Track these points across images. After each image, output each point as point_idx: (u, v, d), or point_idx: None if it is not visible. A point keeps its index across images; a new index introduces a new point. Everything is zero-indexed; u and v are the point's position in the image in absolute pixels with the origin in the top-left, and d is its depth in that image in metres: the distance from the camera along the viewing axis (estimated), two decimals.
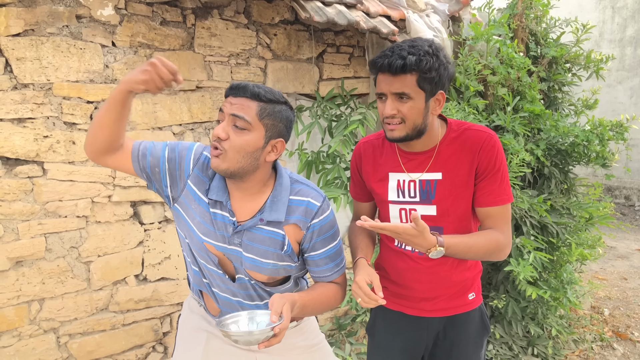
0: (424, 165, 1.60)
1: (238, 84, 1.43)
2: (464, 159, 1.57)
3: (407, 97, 1.48)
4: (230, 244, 1.52)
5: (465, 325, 1.70)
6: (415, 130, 1.53)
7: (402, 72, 1.45)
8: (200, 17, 2.67)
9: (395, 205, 1.65)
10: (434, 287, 1.66)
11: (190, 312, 1.78)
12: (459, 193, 1.57)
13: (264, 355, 1.68)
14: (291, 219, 1.52)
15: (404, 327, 1.73)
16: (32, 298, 2.39)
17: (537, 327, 3.25)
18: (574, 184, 3.42)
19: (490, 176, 1.55)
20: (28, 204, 2.33)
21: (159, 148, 1.53)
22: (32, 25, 2.26)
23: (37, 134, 2.31)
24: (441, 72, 1.49)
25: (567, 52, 3.46)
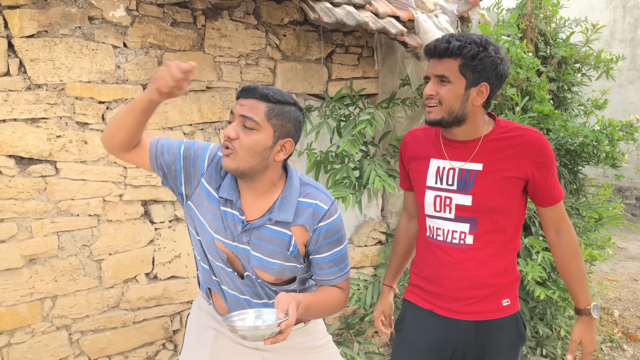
0: (467, 155, 1.62)
1: (248, 86, 1.47)
2: (513, 155, 1.58)
3: (447, 80, 1.53)
4: (239, 242, 1.54)
5: (498, 332, 1.66)
6: (451, 116, 1.56)
7: (445, 56, 1.52)
8: (210, 18, 2.69)
9: (432, 192, 1.67)
10: (465, 286, 1.64)
11: (199, 310, 1.80)
12: (498, 187, 1.57)
13: (271, 355, 1.69)
14: (299, 220, 1.54)
15: (432, 326, 1.71)
16: (45, 295, 2.43)
17: (546, 328, 3.24)
18: (583, 184, 3.41)
19: (549, 176, 1.59)
20: (41, 202, 2.37)
21: (176, 146, 1.57)
22: (45, 26, 2.30)
23: (50, 134, 2.34)
24: (486, 63, 1.52)
25: (577, 52, 3.45)
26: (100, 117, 2.46)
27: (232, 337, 1.70)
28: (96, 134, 2.45)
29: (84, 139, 2.43)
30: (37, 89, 2.31)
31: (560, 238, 1.64)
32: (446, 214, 1.64)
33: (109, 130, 1.51)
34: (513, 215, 1.63)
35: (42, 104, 2.32)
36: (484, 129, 1.63)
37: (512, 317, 1.68)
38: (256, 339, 1.33)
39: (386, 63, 3.16)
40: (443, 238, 1.65)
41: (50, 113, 2.34)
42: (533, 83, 3.11)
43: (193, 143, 1.59)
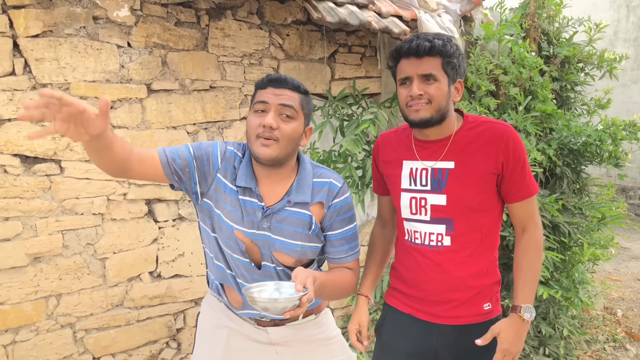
0: (438, 154, 1.62)
1: (278, 76, 1.53)
2: (482, 150, 1.58)
3: (434, 78, 1.54)
4: (260, 228, 1.57)
5: (478, 337, 1.60)
6: (439, 113, 1.56)
7: (428, 54, 1.53)
8: (214, 17, 2.70)
9: (407, 194, 1.66)
10: (446, 288, 1.63)
11: (209, 309, 1.80)
12: (472, 183, 1.57)
13: (284, 348, 1.72)
14: (315, 199, 1.61)
15: (413, 331, 1.70)
16: (49, 293, 2.44)
17: (549, 327, 3.24)
18: (586, 183, 3.41)
19: (518, 170, 1.57)
20: (46, 201, 2.38)
21: (183, 149, 1.58)
22: (50, 26, 2.31)
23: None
24: (460, 60, 1.58)
25: (580, 52, 3.45)
26: None
27: (244, 334, 1.72)
28: None
29: None
30: (42, 89, 2.32)
31: (524, 236, 1.62)
32: (422, 216, 1.63)
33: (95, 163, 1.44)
34: (489, 212, 1.62)
35: None
36: (455, 125, 1.64)
37: (494, 320, 1.64)
38: (276, 311, 1.35)
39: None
40: (421, 241, 1.64)
41: None
42: (536, 82, 3.11)
43: (199, 144, 1.60)
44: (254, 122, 1.51)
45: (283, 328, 1.73)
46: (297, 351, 1.74)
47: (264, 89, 1.52)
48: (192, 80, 2.68)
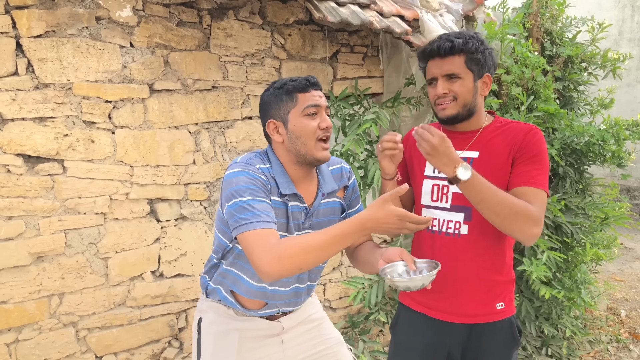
0: (464, 144, 1.65)
1: (315, 79, 1.58)
2: (504, 142, 1.60)
3: (457, 76, 1.58)
4: (303, 228, 1.64)
5: (492, 336, 1.65)
6: (465, 109, 1.60)
7: (450, 54, 1.58)
8: (216, 18, 2.71)
9: (429, 181, 1.70)
10: (458, 277, 1.64)
11: (216, 315, 1.77)
12: (493, 173, 1.57)
13: (288, 335, 1.77)
14: (340, 184, 1.74)
15: (426, 329, 1.72)
16: (52, 292, 2.45)
17: (551, 328, 3.24)
18: (589, 183, 3.40)
19: (527, 159, 1.56)
20: (49, 200, 2.39)
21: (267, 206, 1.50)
22: (53, 26, 2.32)
23: (57, 133, 2.37)
24: (486, 55, 1.60)
25: (583, 51, 3.44)
26: (106, 117, 2.48)
27: (255, 332, 1.73)
28: (103, 133, 2.48)
29: (91, 137, 2.45)
30: (44, 89, 2.33)
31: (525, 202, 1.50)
32: (442, 204, 1.65)
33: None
34: None
35: (49, 103, 2.34)
36: (484, 122, 1.66)
37: (507, 320, 1.66)
38: (415, 287, 1.40)
39: (391, 62, 3.17)
40: (438, 228, 1.67)
41: (57, 112, 2.37)
42: (539, 82, 3.11)
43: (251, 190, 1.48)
44: (312, 125, 1.54)
45: (292, 315, 1.79)
46: (298, 334, 1.80)
47: (306, 92, 1.55)
48: (194, 80, 2.69)
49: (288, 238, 1.42)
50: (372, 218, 1.33)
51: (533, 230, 1.47)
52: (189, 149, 2.71)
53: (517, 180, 1.55)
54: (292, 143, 1.56)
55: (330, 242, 1.35)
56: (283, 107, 1.56)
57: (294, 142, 1.56)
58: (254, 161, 1.58)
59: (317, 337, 1.84)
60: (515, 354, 1.71)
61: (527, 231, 1.47)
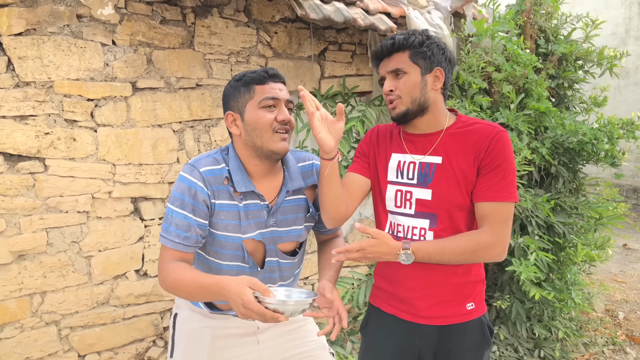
0: (427, 148, 1.60)
1: (274, 71, 1.55)
2: (467, 148, 1.55)
3: (402, 72, 1.55)
4: (267, 226, 1.61)
5: (462, 336, 1.62)
6: (414, 104, 1.55)
7: (394, 51, 1.56)
8: (200, 15, 2.69)
9: (393, 186, 1.64)
10: (426, 284, 1.60)
11: (190, 311, 1.76)
12: (456, 180, 1.54)
13: (265, 335, 1.73)
14: (308, 182, 1.68)
15: (395, 331, 1.68)
16: (33, 291, 2.45)
17: (543, 329, 3.18)
18: (583, 183, 3.34)
19: (491, 171, 1.51)
20: (30, 199, 2.39)
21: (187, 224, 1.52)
22: (33, 24, 2.32)
23: (38, 131, 2.37)
24: (433, 48, 1.55)
25: (577, 49, 3.38)
26: (89, 115, 2.48)
27: (229, 331, 1.71)
28: (85, 131, 2.47)
29: (73, 136, 2.45)
30: (25, 87, 2.33)
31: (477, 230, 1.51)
32: (406, 210, 1.60)
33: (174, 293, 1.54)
34: (474, 212, 1.58)
35: (30, 101, 2.34)
36: (446, 122, 1.61)
37: (477, 320, 1.63)
38: (286, 313, 1.38)
39: None
40: (404, 234, 1.62)
41: (38, 110, 2.36)
42: (530, 80, 3.06)
43: (181, 199, 1.52)
44: (268, 118, 1.50)
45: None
46: (276, 335, 1.75)
47: (264, 84, 1.52)
48: (178, 79, 2.68)
49: (175, 268, 1.48)
50: (228, 289, 1.36)
51: (492, 254, 1.50)
52: (172, 148, 2.69)
53: (482, 195, 1.52)
54: (249, 135, 1.53)
55: (194, 288, 1.44)
56: (241, 99, 1.54)
57: (250, 134, 1.53)
58: (204, 163, 1.54)
59: (297, 339, 1.79)
60: (487, 353, 1.67)
61: (489, 258, 1.51)
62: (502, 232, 1.50)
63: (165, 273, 1.51)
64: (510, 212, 1.52)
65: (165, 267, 1.51)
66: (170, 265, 1.51)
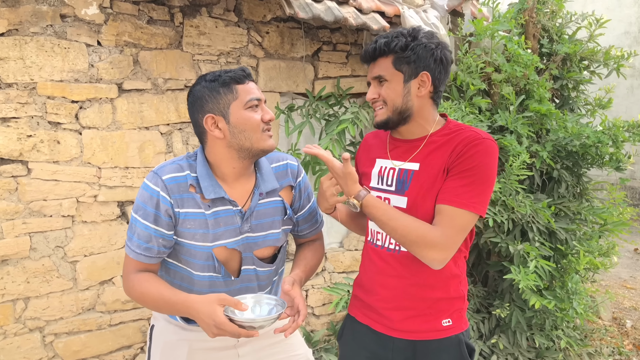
0: (408, 155, 1.54)
1: (248, 69, 1.50)
2: (442, 153, 1.47)
3: (384, 79, 1.48)
4: (242, 232, 1.54)
5: (438, 354, 1.54)
6: (396, 113, 1.49)
7: (376, 57, 1.49)
8: (188, 15, 2.63)
9: (374, 192, 1.57)
10: (399, 295, 1.54)
11: (167, 323, 1.70)
12: (429, 187, 1.47)
13: (245, 348, 1.66)
14: (283, 183, 1.62)
15: (369, 342, 1.63)
16: (16, 297, 2.40)
17: (545, 339, 3.08)
18: (587, 187, 3.22)
19: (457, 173, 1.42)
20: (12, 203, 2.34)
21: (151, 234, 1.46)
22: (15, 25, 2.27)
23: (20, 134, 2.32)
24: (419, 51, 1.45)
25: (582, 49, 3.26)
26: (73, 117, 2.42)
27: (207, 344, 1.63)
28: (69, 134, 2.42)
29: (56, 138, 2.39)
30: (7, 88, 2.28)
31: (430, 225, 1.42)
32: None
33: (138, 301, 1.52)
34: None
35: (12, 103, 2.29)
36: (433, 127, 1.52)
37: (454, 338, 1.54)
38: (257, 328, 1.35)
39: None
40: (382, 243, 1.57)
41: (21, 112, 2.31)
42: (532, 81, 2.95)
43: (144, 209, 1.46)
44: (256, 118, 1.47)
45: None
46: (259, 349, 1.68)
47: (243, 84, 1.47)
48: (166, 80, 2.61)
49: (141, 280, 1.45)
50: (197, 309, 1.34)
51: (432, 255, 1.39)
52: (160, 150, 2.63)
53: (441, 197, 1.43)
54: (235, 137, 1.46)
55: (162, 304, 1.42)
56: (222, 100, 1.46)
57: (237, 136, 1.46)
58: (167, 170, 1.47)
59: (280, 353, 1.72)
60: None
61: (426, 257, 1.40)
62: (452, 240, 1.39)
63: (130, 284, 1.48)
64: (467, 222, 1.41)
65: (130, 278, 1.47)
66: (135, 277, 1.47)
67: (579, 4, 8.72)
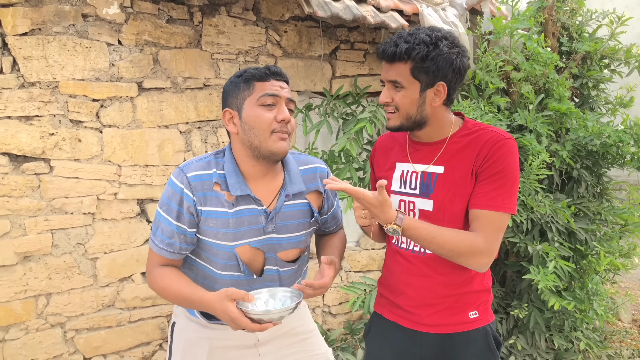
0: (430, 158, 1.53)
1: (277, 68, 1.47)
2: (467, 155, 1.47)
3: (400, 85, 1.45)
4: (266, 233, 1.52)
5: (465, 346, 1.55)
6: (409, 121, 1.48)
7: (395, 60, 1.44)
8: (207, 14, 2.65)
9: (396, 196, 1.58)
10: (426, 294, 1.55)
11: (188, 321, 1.71)
12: (457, 190, 1.47)
13: (266, 348, 1.66)
14: (310, 186, 1.59)
15: (397, 339, 1.63)
16: (38, 293, 2.44)
17: (564, 340, 3.04)
18: (607, 187, 3.18)
19: (488, 177, 1.43)
20: (35, 200, 2.37)
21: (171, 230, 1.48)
22: (38, 24, 2.30)
23: (43, 132, 2.35)
24: (439, 62, 1.42)
25: (602, 47, 3.22)
26: (94, 115, 2.45)
27: (228, 342, 1.65)
28: (90, 132, 2.44)
29: (78, 136, 2.42)
30: (30, 87, 2.32)
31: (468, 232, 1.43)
32: None
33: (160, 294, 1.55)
34: None
35: (35, 101, 2.32)
36: (451, 129, 1.52)
37: (481, 330, 1.55)
38: (274, 320, 1.36)
39: None
40: (406, 245, 1.58)
41: (43, 111, 2.35)
42: (551, 80, 2.92)
43: (169, 206, 1.48)
44: (267, 117, 1.43)
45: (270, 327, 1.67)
46: (279, 348, 1.68)
47: (265, 81, 1.44)
48: (185, 79, 2.63)
49: (163, 275, 1.48)
50: (214, 307, 1.37)
51: (480, 261, 1.42)
52: (179, 149, 2.65)
53: (475, 202, 1.44)
54: (246, 134, 1.45)
55: (181, 300, 1.45)
56: (239, 95, 1.46)
57: (247, 133, 1.45)
58: (194, 167, 1.48)
59: (300, 352, 1.72)
60: None
61: (474, 264, 1.43)
62: (495, 242, 1.42)
63: (153, 278, 1.51)
64: (504, 223, 1.44)
65: (153, 272, 1.50)
66: (157, 271, 1.49)
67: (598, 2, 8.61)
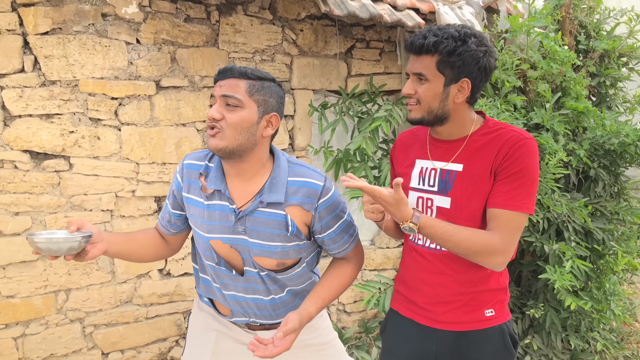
0: (449, 155, 1.53)
1: (225, 67, 1.46)
2: (487, 154, 1.47)
3: (425, 78, 1.45)
4: (235, 232, 1.51)
5: (481, 345, 1.55)
6: (431, 115, 1.48)
7: (422, 52, 1.45)
8: (224, 13, 2.66)
9: (415, 193, 1.58)
10: (441, 292, 1.55)
11: (199, 310, 1.77)
12: (475, 189, 1.47)
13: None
14: (293, 200, 1.51)
15: (412, 335, 1.64)
16: (58, 288, 2.47)
17: (580, 340, 3.02)
18: (625, 187, 3.15)
19: (507, 177, 1.43)
20: (55, 197, 2.41)
21: (166, 203, 1.70)
22: (59, 23, 2.33)
23: (63, 130, 2.38)
24: (466, 58, 1.42)
25: (620, 45, 3.19)
26: (112, 113, 2.48)
27: (233, 337, 1.69)
28: (109, 130, 2.48)
29: (97, 134, 2.46)
30: (51, 85, 2.35)
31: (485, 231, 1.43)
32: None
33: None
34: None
35: (55, 100, 2.36)
36: (472, 127, 1.52)
37: (497, 328, 1.55)
38: (60, 252, 1.36)
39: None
40: (422, 242, 1.58)
41: (63, 109, 2.38)
42: (568, 78, 2.90)
43: (172, 184, 1.67)
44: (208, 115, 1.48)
45: (273, 332, 1.67)
46: (288, 356, 1.64)
47: (215, 83, 1.49)
48: (202, 77, 2.66)
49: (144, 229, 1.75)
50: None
51: (496, 261, 1.42)
52: (196, 147, 2.67)
53: (494, 201, 1.44)
54: None
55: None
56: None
57: None
58: (193, 156, 1.61)
59: (310, 347, 1.72)
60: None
61: (491, 263, 1.43)
62: (512, 242, 1.42)
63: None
64: (521, 223, 1.43)
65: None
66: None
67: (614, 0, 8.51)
